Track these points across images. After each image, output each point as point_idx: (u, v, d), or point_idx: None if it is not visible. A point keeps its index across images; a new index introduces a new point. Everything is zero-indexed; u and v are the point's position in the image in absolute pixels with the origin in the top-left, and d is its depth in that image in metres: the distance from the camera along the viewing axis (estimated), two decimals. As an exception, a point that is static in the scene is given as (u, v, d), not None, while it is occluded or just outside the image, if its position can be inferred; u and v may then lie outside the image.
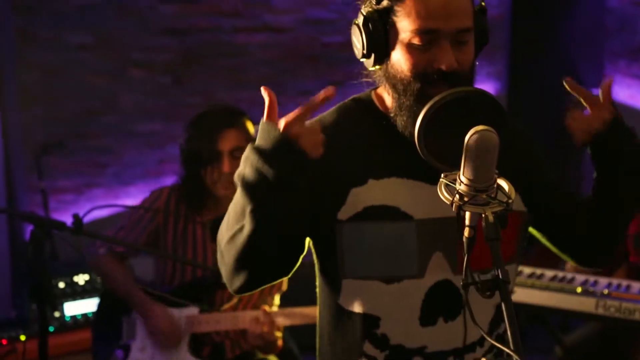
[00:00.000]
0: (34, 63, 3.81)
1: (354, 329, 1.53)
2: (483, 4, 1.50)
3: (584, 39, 4.52)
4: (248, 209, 1.34)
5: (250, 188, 1.34)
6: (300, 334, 2.63)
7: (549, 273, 2.88)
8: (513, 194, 1.22)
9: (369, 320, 1.51)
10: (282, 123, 1.32)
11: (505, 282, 1.17)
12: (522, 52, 4.65)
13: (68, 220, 2.12)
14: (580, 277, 2.83)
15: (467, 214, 1.22)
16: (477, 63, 1.50)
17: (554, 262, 3.57)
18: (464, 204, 1.21)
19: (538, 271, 2.88)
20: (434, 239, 1.47)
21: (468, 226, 1.22)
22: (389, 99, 1.50)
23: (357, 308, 1.51)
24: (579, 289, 2.73)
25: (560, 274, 2.87)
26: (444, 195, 1.23)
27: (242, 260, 1.39)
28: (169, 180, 3.94)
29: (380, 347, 1.51)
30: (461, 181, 1.20)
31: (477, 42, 1.48)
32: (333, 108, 1.56)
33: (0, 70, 3.62)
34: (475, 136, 1.16)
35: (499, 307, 1.51)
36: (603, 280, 2.80)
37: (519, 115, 4.73)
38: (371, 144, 1.51)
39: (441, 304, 1.49)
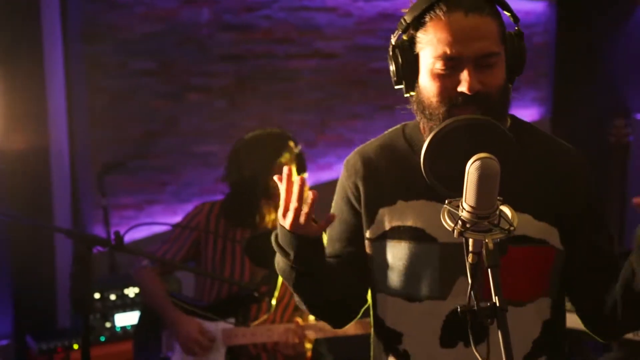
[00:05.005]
0: (102, 88, 4.01)
1: (383, 341, 1.60)
2: (517, 28, 1.49)
3: (628, 64, 4.50)
4: (291, 288, 1.56)
5: (285, 278, 1.55)
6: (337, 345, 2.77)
7: (581, 296, 2.88)
8: (516, 221, 1.23)
9: (393, 335, 1.57)
10: (288, 223, 1.45)
11: (503, 310, 1.17)
12: (566, 78, 4.64)
13: (128, 235, 2.27)
14: (613, 301, 2.84)
15: (471, 241, 1.23)
16: (512, 87, 1.49)
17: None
18: (465, 230, 1.23)
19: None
20: (459, 263, 1.42)
21: (471, 252, 1.24)
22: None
23: (386, 321, 1.59)
24: (609, 312, 2.73)
25: (593, 297, 2.86)
26: (446, 221, 1.25)
27: (313, 314, 1.68)
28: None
29: None
30: (463, 208, 1.23)
31: (510, 65, 1.47)
32: (383, 133, 1.65)
33: (71, 95, 3.85)
34: (476, 163, 1.18)
35: (536, 342, 1.53)
36: (635, 304, 2.80)
37: (563, 139, 4.74)
38: (406, 167, 1.55)
39: (462, 328, 1.42)
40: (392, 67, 1.50)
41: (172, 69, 4.18)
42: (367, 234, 1.57)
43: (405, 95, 1.53)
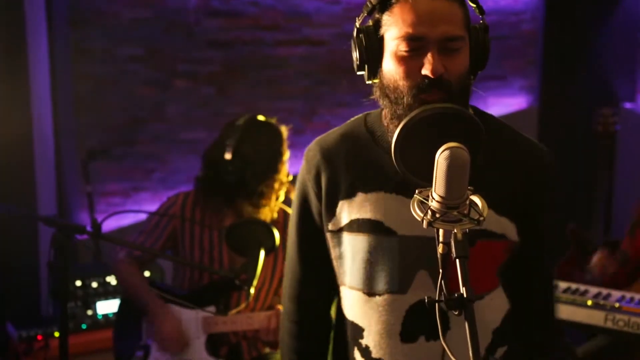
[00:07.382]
0: (88, 74, 4.00)
1: (347, 335, 1.59)
2: (483, 21, 1.48)
3: (616, 53, 4.50)
4: None
5: None
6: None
7: (563, 285, 2.89)
8: (486, 212, 1.20)
9: (356, 329, 1.56)
10: None
11: (470, 301, 1.16)
12: (554, 66, 4.63)
13: (114, 222, 2.26)
14: (594, 290, 2.84)
15: (441, 231, 1.21)
16: (473, 79, 1.48)
17: (580, 274, 3.61)
18: (435, 220, 1.20)
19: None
20: (418, 256, 1.47)
21: (442, 243, 1.21)
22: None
23: (349, 315, 1.58)
24: (589, 302, 2.72)
25: (574, 286, 2.87)
26: (416, 211, 1.22)
27: None
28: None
29: (365, 357, 1.56)
30: (433, 198, 1.20)
31: (474, 58, 1.46)
32: (344, 123, 1.62)
33: (56, 80, 3.82)
34: (445, 153, 1.16)
35: (496, 332, 1.53)
36: (616, 294, 2.80)
37: (551, 128, 4.75)
38: (366, 158, 1.53)
39: (423, 322, 1.47)
40: (356, 52, 1.47)
41: (159, 56, 4.16)
42: (329, 226, 1.55)
43: (368, 82, 1.50)
